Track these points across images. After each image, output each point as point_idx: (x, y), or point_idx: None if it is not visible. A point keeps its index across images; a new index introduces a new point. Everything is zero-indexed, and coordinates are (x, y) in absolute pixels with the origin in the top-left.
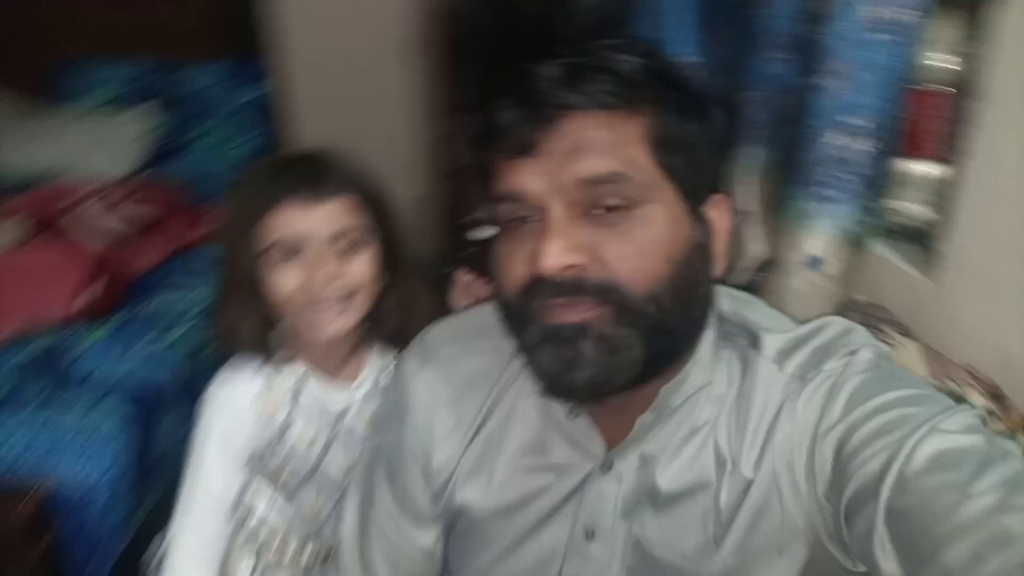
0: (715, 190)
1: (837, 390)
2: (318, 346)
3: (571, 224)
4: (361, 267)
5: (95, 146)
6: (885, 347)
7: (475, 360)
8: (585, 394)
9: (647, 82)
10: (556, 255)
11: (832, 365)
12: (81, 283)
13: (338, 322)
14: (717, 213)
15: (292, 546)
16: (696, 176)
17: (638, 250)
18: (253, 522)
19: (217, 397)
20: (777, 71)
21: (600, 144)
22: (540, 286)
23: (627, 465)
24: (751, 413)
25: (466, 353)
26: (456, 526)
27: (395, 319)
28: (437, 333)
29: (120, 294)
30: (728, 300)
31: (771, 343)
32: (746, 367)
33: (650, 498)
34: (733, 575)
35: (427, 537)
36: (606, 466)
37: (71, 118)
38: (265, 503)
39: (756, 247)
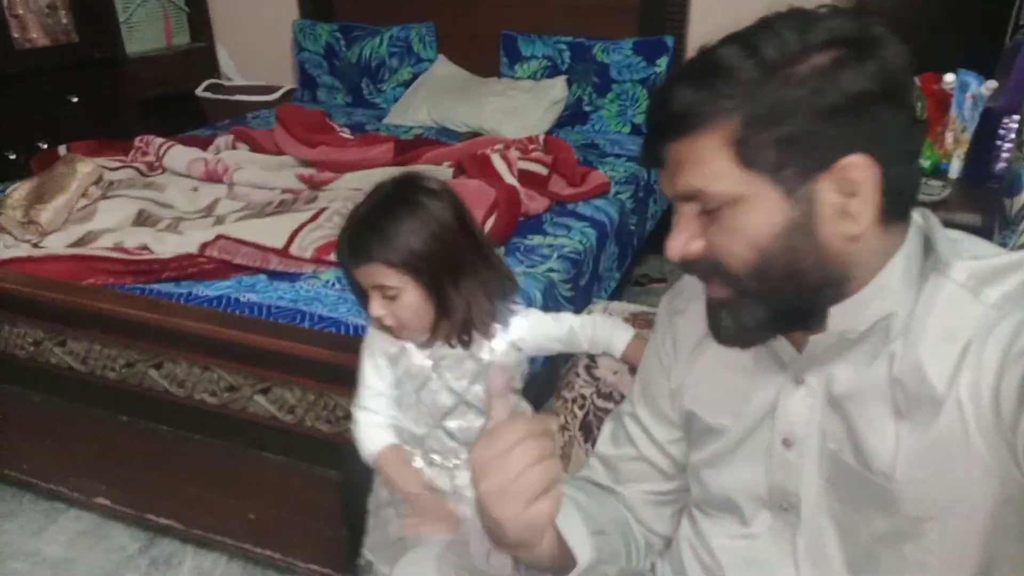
0: (854, 150)
1: None
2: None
3: (691, 219)
4: (399, 309)
5: (516, 110)
6: None
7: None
8: (734, 344)
9: (728, 88)
10: (674, 249)
11: None
12: (490, 211)
13: (397, 335)
14: (856, 173)
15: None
16: (793, 151)
17: (729, 240)
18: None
19: (370, 329)
20: None
21: (689, 161)
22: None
23: (818, 380)
24: (931, 335)
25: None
26: (690, 430)
27: (460, 316)
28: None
29: (511, 230)
30: (941, 235)
31: (961, 268)
32: (930, 291)
33: (839, 413)
34: (922, 498)
35: (666, 433)
36: (799, 379)
37: (503, 87)
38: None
39: None
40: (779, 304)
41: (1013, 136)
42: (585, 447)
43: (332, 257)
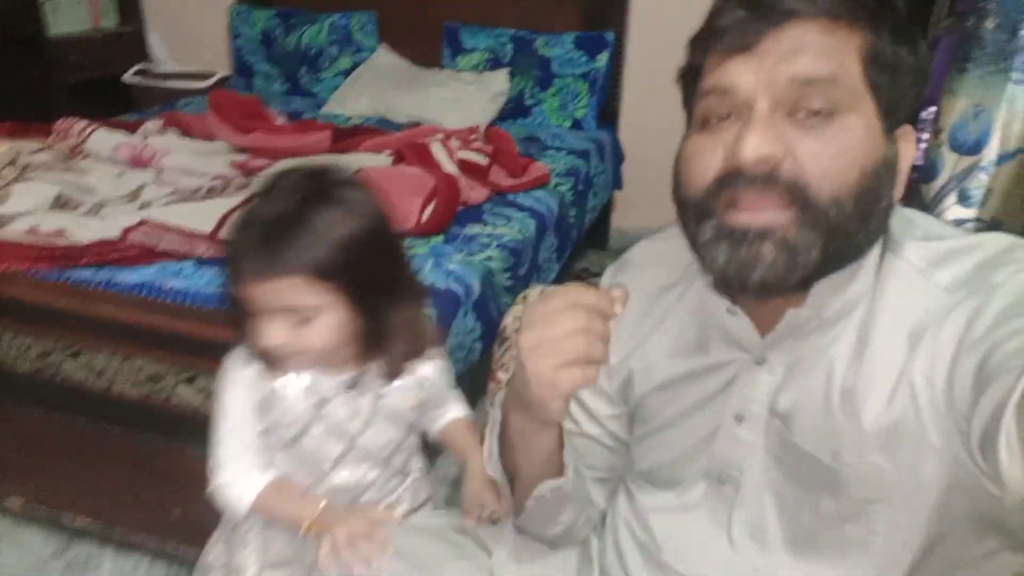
0: (908, 120)
1: (986, 306)
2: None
3: (773, 120)
4: (310, 335)
5: (458, 102)
6: None
7: (662, 274)
8: (757, 291)
9: (866, 4)
10: (756, 145)
11: (995, 279)
12: (428, 199)
13: (293, 369)
14: (904, 143)
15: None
16: (898, 100)
17: (832, 153)
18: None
19: (232, 364)
20: None
21: (819, 47)
22: (733, 177)
23: (779, 361)
24: (886, 317)
25: (654, 267)
26: (634, 416)
27: (399, 340)
28: (634, 252)
29: (450, 218)
30: (897, 214)
31: (914, 248)
32: (885, 271)
33: (795, 392)
34: (871, 481)
35: (606, 409)
36: (760, 359)
37: (444, 78)
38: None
39: None
40: (838, 245)
41: (930, 124)
42: None
43: None
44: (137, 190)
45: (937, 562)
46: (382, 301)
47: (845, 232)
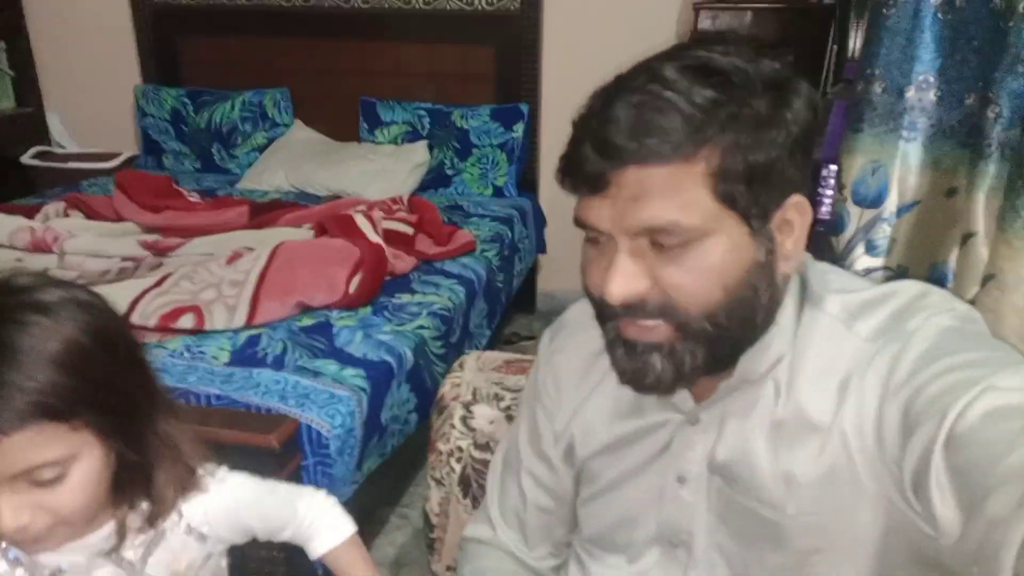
0: (796, 191)
1: (905, 352)
2: None
3: (635, 255)
4: (62, 499)
5: (379, 174)
6: (965, 308)
7: (597, 337)
8: (655, 392)
9: (714, 117)
10: (619, 287)
11: (911, 326)
12: (355, 270)
13: (41, 551)
14: (795, 214)
15: None
16: (765, 197)
17: (693, 279)
18: None
19: None
20: (1020, 84)
21: (661, 189)
22: (610, 306)
23: (712, 419)
24: (809, 367)
25: (591, 330)
26: (580, 478)
27: (155, 472)
28: (571, 313)
29: (377, 288)
30: (812, 269)
31: (833, 301)
32: (807, 324)
33: (731, 449)
34: (812, 531)
35: (556, 478)
36: (693, 419)
37: (363, 151)
38: None
39: (979, 265)
40: (723, 348)
41: (833, 182)
42: (464, 503)
43: (180, 324)
44: None
45: None
46: (138, 421)
47: (728, 337)
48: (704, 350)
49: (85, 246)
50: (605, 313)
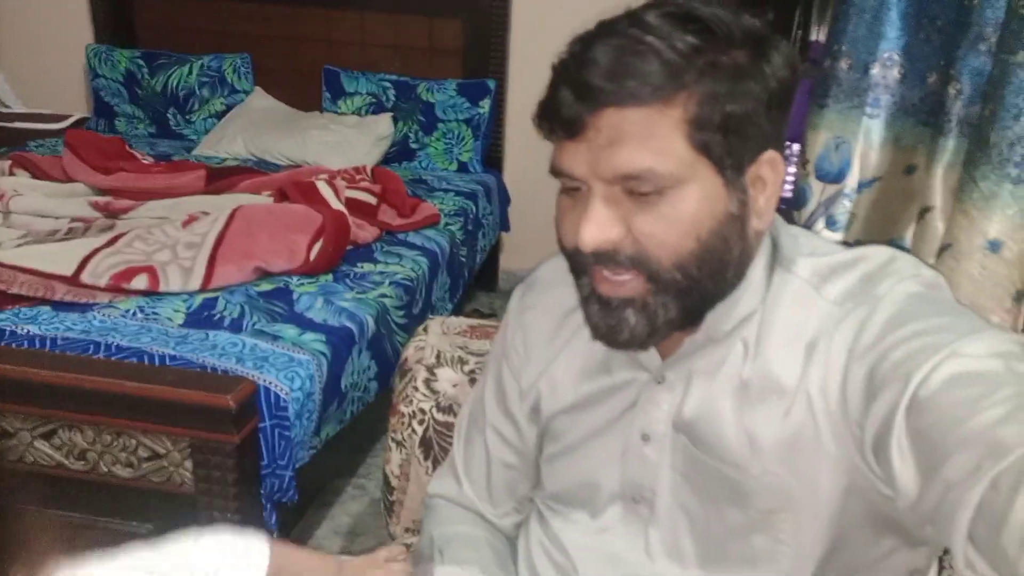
0: (770, 147)
1: (872, 316)
2: None
3: (609, 202)
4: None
5: (341, 145)
6: (932, 274)
7: (569, 294)
8: (629, 347)
9: (693, 63)
10: (592, 234)
11: (879, 291)
12: (316, 236)
13: None
14: (768, 170)
15: None
16: (740, 148)
17: (666, 227)
18: None
19: None
20: (981, 62)
21: (637, 134)
22: (583, 254)
23: (678, 378)
24: (778, 329)
25: (562, 287)
26: (544, 436)
27: None
28: (543, 270)
29: (339, 256)
30: (784, 232)
31: (804, 264)
32: (777, 286)
33: (697, 408)
34: (774, 491)
35: (521, 435)
36: (659, 378)
37: (325, 121)
38: None
39: (935, 238)
40: (694, 300)
41: (796, 159)
42: (425, 465)
43: (134, 284)
44: None
45: (838, 565)
46: None
47: (699, 290)
48: (676, 303)
49: (32, 205)
50: (578, 265)
